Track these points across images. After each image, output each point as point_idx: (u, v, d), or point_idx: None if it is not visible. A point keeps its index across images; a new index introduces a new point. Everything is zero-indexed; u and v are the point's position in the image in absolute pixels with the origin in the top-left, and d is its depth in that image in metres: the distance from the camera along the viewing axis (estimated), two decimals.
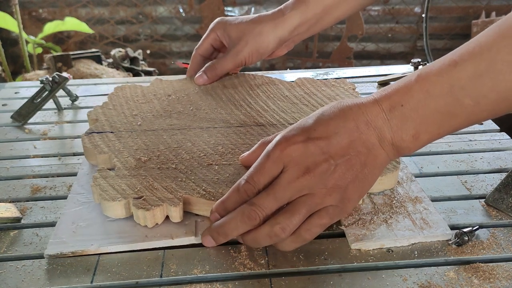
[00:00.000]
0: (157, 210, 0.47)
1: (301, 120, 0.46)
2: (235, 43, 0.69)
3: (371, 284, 0.43)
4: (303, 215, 0.43)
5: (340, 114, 0.44)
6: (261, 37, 0.68)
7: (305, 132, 0.44)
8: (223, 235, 0.45)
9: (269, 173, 0.44)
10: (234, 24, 0.69)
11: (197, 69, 0.73)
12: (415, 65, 0.79)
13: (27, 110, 0.74)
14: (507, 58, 0.39)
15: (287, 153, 0.43)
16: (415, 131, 0.43)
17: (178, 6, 2.40)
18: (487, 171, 0.59)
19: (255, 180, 0.44)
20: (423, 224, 0.48)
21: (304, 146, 0.43)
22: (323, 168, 0.42)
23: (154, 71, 1.99)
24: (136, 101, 0.66)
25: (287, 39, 0.70)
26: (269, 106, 0.65)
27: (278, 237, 0.43)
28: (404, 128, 0.43)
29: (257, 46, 0.68)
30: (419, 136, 0.43)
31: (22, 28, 1.88)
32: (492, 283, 0.42)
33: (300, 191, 0.43)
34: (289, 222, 0.42)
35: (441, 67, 0.42)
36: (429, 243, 0.47)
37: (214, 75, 0.70)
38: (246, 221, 0.43)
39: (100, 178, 0.50)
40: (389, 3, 2.40)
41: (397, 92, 0.43)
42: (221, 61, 0.70)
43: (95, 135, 0.58)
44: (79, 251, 0.46)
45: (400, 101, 0.43)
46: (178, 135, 0.58)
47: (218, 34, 0.71)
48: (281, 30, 0.68)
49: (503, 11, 2.29)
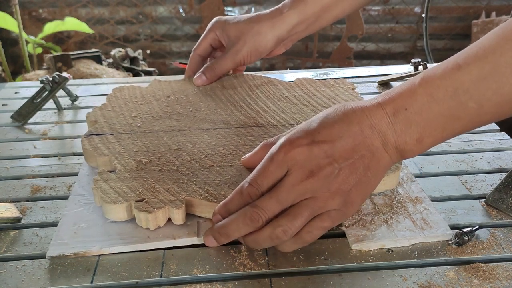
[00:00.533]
0: (159, 212, 0.47)
1: (304, 123, 0.46)
2: (233, 43, 0.69)
3: (371, 284, 0.43)
4: (306, 218, 0.43)
5: (344, 117, 0.44)
6: (260, 36, 0.68)
7: (309, 135, 0.44)
8: (225, 236, 0.45)
9: (273, 176, 0.43)
10: (233, 24, 0.69)
11: (195, 69, 0.73)
12: (415, 65, 0.78)
13: (27, 110, 0.74)
14: (511, 61, 0.39)
15: (291, 156, 0.43)
16: (419, 135, 0.43)
17: (178, 6, 2.40)
18: (487, 171, 0.59)
19: (259, 183, 0.44)
20: (424, 224, 0.48)
21: (308, 149, 0.43)
22: (327, 172, 0.42)
23: (154, 71, 1.99)
24: (135, 103, 0.66)
25: (286, 38, 0.70)
26: (269, 107, 0.65)
27: (279, 240, 0.43)
28: (408, 132, 0.43)
29: (255, 45, 0.68)
30: (423, 139, 0.43)
31: (22, 28, 1.88)
32: (492, 283, 0.42)
33: (303, 194, 0.42)
34: (291, 225, 0.42)
35: (444, 70, 0.42)
36: (429, 243, 0.47)
37: (213, 75, 0.70)
38: (249, 223, 0.43)
39: (101, 180, 0.50)
40: (389, 3, 2.40)
41: (401, 95, 0.43)
42: (220, 61, 0.70)
43: (94, 137, 0.58)
44: (81, 252, 0.46)
45: (404, 105, 0.43)
46: (178, 136, 0.58)
47: (217, 34, 0.71)
48: (279, 29, 0.68)
49: (503, 11, 2.29)
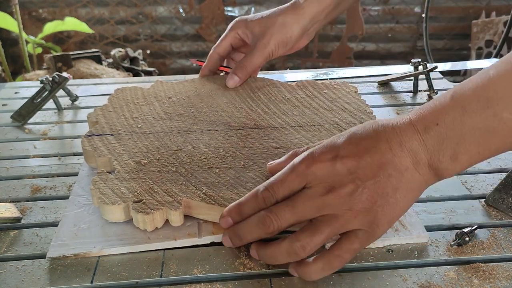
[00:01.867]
0: (156, 214, 0.47)
1: (332, 137, 0.44)
2: (259, 38, 0.69)
3: (371, 284, 0.43)
4: (326, 235, 0.41)
5: (373, 134, 0.42)
6: (286, 28, 0.68)
7: (334, 150, 0.42)
8: (238, 238, 0.44)
9: (290, 186, 0.42)
10: (255, 20, 0.69)
11: (212, 68, 0.73)
12: (415, 65, 0.79)
13: (27, 110, 0.74)
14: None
15: (312, 171, 0.42)
16: (453, 151, 0.40)
17: (178, 6, 2.40)
18: (487, 171, 0.59)
19: (275, 190, 0.43)
20: (399, 225, 0.48)
21: (331, 165, 0.41)
22: (349, 189, 0.41)
23: (154, 71, 1.99)
24: (137, 104, 0.66)
25: (309, 28, 0.70)
26: (270, 109, 0.65)
27: (297, 256, 0.42)
28: (441, 149, 0.41)
29: (282, 37, 0.68)
30: (458, 156, 0.41)
31: (22, 28, 1.88)
32: (492, 283, 0.42)
33: (321, 209, 0.41)
34: (309, 240, 0.41)
35: (475, 82, 0.41)
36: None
37: (245, 74, 0.70)
38: (260, 226, 0.42)
39: (99, 181, 0.50)
40: (389, 3, 2.40)
41: (431, 111, 0.41)
42: (249, 58, 0.69)
43: (94, 138, 0.58)
44: (81, 253, 0.46)
45: (435, 120, 0.41)
46: (179, 137, 0.58)
47: (239, 33, 0.70)
48: (303, 20, 0.69)
49: (503, 11, 2.29)
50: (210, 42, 2.42)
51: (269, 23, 0.68)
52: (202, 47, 2.47)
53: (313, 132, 0.59)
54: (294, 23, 0.68)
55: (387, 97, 0.79)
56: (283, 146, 0.56)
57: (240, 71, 0.69)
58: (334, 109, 0.64)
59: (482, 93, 0.40)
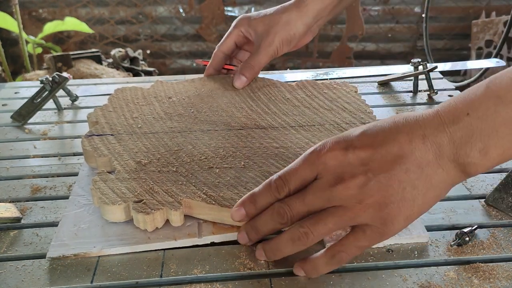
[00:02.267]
0: (157, 214, 0.47)
1: (350, 129, 0.43)
2: (263, 36, 0.69)
3: (371, 284, 0.43)
4: (330, 226, 0.40)
5: (392, 125, 0.40)
6: (289, 25, 0.68)
7: (347, 141, 0.40)
8: (255, 230, 0.44)
9: (301, 176, 0.42)
10: (259, 18, 0.69)
11: (217, 66, 0.73)
12: (415, 65, 0.78)
13: (27, 110, 0.74)
14: None
15: (323, 160, 0.40)
16: (483, 145, 0.37)
17: (178, 6, 2.40)
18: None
19: (287, 178, 0.42)
20: None
21: (342, 155, 0.40)
22: (359, 182, 0.39)
23: (154, 71, 1.99)
24: (137, 104, 0.66)
25: (312, 25, 0.70)
26: (270, 109, 0.65)
27: (300, 242, 0.41)
28: (470, 142, 0.37)
29: (286, 35, 0.68)
30: (489, 150, 0.37)
31: (22, 28, 1.88)
32: (492, 283, 0.42)
33: (329, 200, 0.40)
34: (313, 228, 0.40)
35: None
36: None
37: (252, 73, 0.69)
38: (275, 217, 0.42)
39: (99, 181, 0.50)
40: (389, 3, 2.40)
41: (463, 100, 0.38)
42: (255, 57, 0.69)
43: (95, 138, 0.58)
44: (81, 253, 0.46)
45: (466, 110, 0.37)
46: (179, 137, 0.58)
47: (242, 30, 0.71)
48: (307, 17, 0.69)
49: (503, 11, 2.29)
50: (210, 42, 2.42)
51: (273, 21, 0.68)
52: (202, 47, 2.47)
53: (313, 132, 0.59)
54: (298, 21, 0.68)
55: (387, 97, 0.79)
56: (283, 146, 0.56)
57: (248, 71, 0.69)
58: (334, 109, 0.64)
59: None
